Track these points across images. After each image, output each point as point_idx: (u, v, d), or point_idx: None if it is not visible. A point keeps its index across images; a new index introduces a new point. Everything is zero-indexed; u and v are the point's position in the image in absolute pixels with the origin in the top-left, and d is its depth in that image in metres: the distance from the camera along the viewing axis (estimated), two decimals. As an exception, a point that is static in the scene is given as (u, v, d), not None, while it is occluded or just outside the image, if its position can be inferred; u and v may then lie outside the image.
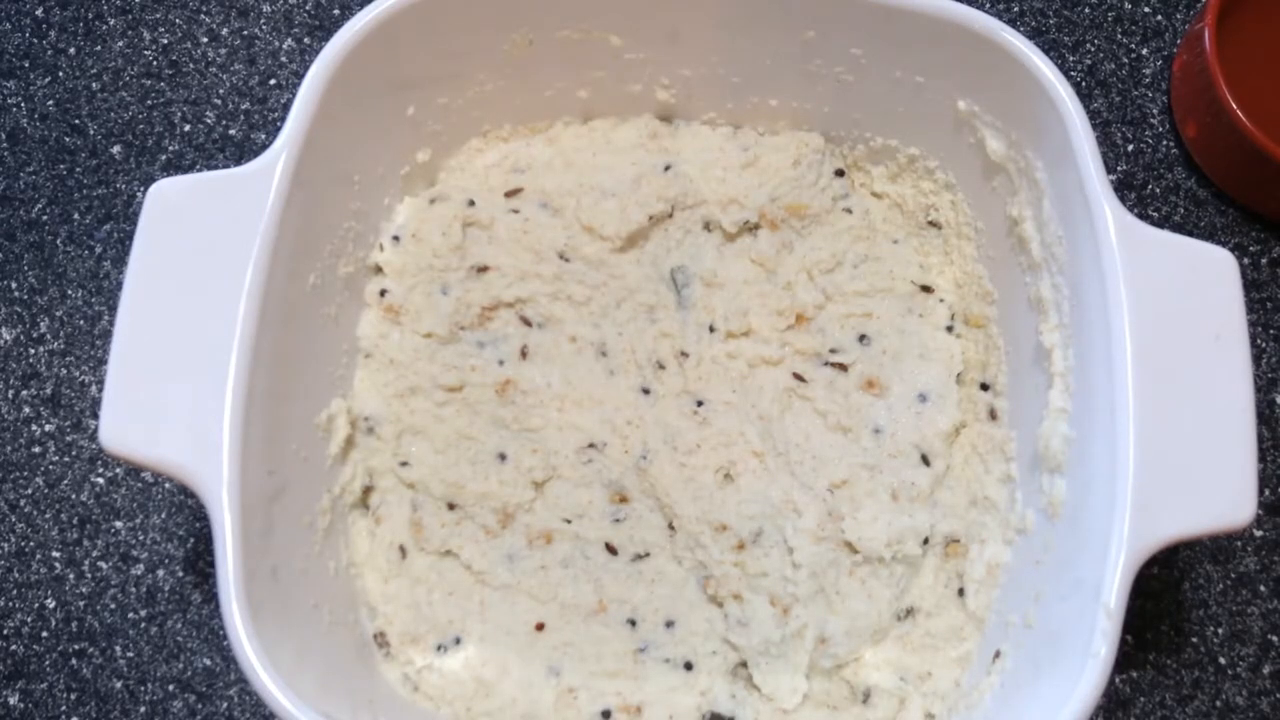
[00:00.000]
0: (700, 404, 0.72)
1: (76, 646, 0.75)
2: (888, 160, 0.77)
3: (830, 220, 0.76)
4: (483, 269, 0.74)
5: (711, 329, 0.74)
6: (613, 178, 0.76)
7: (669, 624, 0.69)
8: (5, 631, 0.75)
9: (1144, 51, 0.88)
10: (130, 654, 0.74)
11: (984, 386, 0.72)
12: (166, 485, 0.77)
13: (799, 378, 0.73)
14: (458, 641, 0.69)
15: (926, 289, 0.75)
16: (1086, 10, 0.89)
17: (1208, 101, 0.79)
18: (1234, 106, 0.77)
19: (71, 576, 0.76)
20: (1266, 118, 0.77)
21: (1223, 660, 0.75)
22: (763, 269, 0.75)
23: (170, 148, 0.85)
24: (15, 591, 0.76)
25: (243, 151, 0.85)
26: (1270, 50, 0.82)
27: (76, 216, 0.83)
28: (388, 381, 0.72)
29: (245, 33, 0.88)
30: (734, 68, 0.73)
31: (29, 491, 0.77)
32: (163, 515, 0.77)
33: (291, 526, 0.62)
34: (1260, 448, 0.61)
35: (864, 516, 0.69)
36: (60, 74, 0.87)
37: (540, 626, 0.69)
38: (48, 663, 0.74)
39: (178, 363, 0.57)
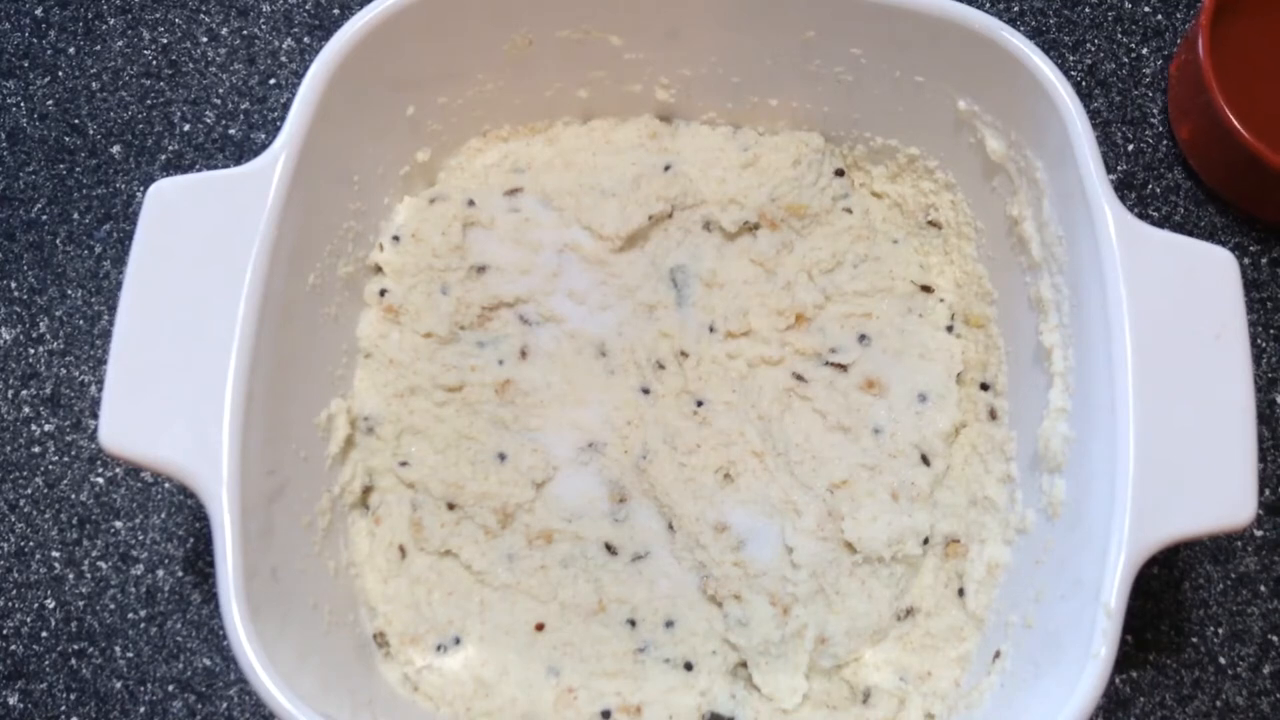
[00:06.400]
0: (700, 404, 0.72)
1: (76, 646, 0.75)
2: (888, 160, 0.77)
3: (830, 220, 0.76)
4: (482, 268, 0.74)
5: (711, 329, 0.74)
6: (613, 177, 0.76)
7: (669, 624, 0.69)
8: (5, 631, 0.75)
9: (1144, 51, 0.88)
10: (130, 654, 0.74)
11: (984, 386, 0.72)
12: (166, 485, 0.77)
13: (799, 378, 0.73)
14: (458, 641, 0.69)
15: (926, 289, 0.75)
16: (1086, 10, 0.89)
17: (1201, 104, 0.79)
18: (1226, 109, 0.76)
19: (71, 576, 0.76)
20: (1260, 121, 0.76)
21: (1223, 660, 0.75)
22: (763, 269, 0.75)
23: (170, 147, 0.85)
24: (15, 591, 0.76)
25: (242, 151, 0.85)
26: (1266, 53, 0.82)
27: (76, 216, 0.83)
28: (388, 381, 0.72)
29: (245, 32, 0.88)
30: (734, 68, 0.73)
31: (29, 491, 0.77)
32: (162, 515, 0.77)
33: (291, 526, 0.62)
34: (1260, 448, 0.61)
35: (864, 516, 0.69)
36: (60, 74, 0.87)
37: (540, 626, 0.69)
38: (47, 663, 0.74)
39: (178, 363, 0.57)
